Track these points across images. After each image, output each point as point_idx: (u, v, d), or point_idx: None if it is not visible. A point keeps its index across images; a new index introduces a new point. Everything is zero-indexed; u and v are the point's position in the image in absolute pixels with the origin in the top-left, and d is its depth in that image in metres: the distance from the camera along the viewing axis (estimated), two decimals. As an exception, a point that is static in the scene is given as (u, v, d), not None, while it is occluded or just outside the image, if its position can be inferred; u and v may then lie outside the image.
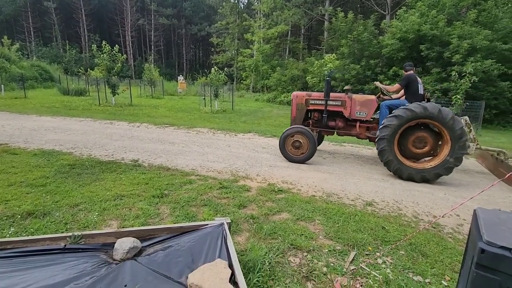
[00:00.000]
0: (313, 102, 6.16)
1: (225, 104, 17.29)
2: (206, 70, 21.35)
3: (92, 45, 16.01)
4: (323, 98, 5.93)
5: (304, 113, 6.26)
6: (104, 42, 14.96)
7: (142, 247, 2.15)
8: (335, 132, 6.21)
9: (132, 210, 3.18)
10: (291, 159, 5.79)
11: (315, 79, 14.18)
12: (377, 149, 5.07)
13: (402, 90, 5.56)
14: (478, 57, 13.86)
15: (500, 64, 13.57)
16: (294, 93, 6.49)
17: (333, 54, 14.88)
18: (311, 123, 6.38)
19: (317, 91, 14.59)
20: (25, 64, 25.47)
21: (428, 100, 5.36)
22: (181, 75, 33.93)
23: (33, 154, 5.24)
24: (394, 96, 5.82)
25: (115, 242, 2.10)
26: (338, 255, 2.56)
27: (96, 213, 3.04)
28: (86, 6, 47.76)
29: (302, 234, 2.86)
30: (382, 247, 2.74)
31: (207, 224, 2.37)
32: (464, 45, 14.12)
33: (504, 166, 5.30)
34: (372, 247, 2.72)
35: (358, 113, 5.77)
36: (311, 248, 2.63)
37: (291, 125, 6.10)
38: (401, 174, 4.96)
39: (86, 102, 15.26)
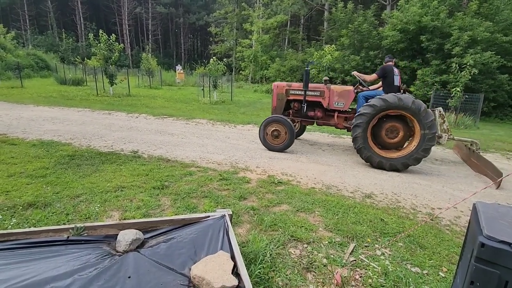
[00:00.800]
0: (293, 92, 6.27)
1: (224, 95, 17.18)
2: (204, 60, 21.10)
3: (89, 33, 15.74)
4: (302, 88, 6.04)
5: (285, 103, 6.37)
6: (101, 31, 14.71)
7: (145, 239, 2.17)
8: (315, 122, 6.34)
9: (133, 201, 3.20)
10: (270, 148, 5.94)
11: (314, 70, 14.09)
12: (351, 136, 5.19)
13: (381, 82, 5.67)
14: (478, 49, 13.79)
15: (499, 57, 13.52)
16: (275, 83, 6.61)
17: (333, 45, 14.76)
18: (291, 113, 6.50)
19: (316, 82, 14.52)
20: (21, 53, 25.10)
21: (404, 92, 5.46)
22: (179, 65, 33.55)
23: (32, 144, 5.21)
24: (372, 87, 5.97)
25: (117, 234, 2.11)
26: (338, 246, 2.60)
27: (98, 204, 3.05)
28: (82, -7, 46.77)
29: (302, 226, 2.89)
30: (381, 239, 2.78)
31: (209, 216, 2.39)
32: (465, 37, 14.02)
33: (475, 156, 5.50)
34: (371, 239, 2.76)
35: (336, 104, 5.91)
36: (311, 239, 2.67)
37: (271, 115, 6.19)
38: (372, 161, 5.12)
39: (83, 92, 15.12)
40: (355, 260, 2.41)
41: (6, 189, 3.30)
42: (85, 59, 19.91)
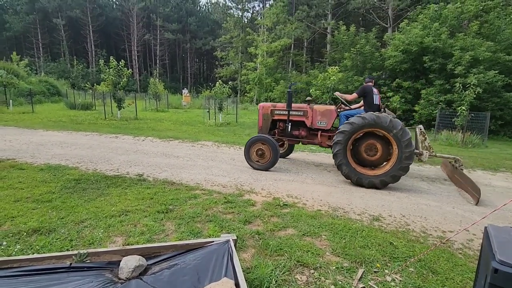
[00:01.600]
0: (277, 112, 6.47)
1: (229, 117, 17.41)
2: (210, 84, 21.68)
3: (100, 60, 16.38)
4: (286, 108, 6.24)
5: (270, 123, 6.55)
6: (111, 58, 15.30)
7: (148, 265, 2.13)
8: (300, 142, 6.47)
9: (137, 226, 3.17)
10: (255, 167, 6.05)
11: (318, 91, 14.29)
12: (332, 153, 5.29)
13: (362, 101, 5.90)
14: (481, 68, 13.89)
15: (503, 76, 13.57)
16: (261, 104, 6.79)
17: (336, 67, 15.08)
18: (276, 132, 6.67)
19: (321, 103, 14.66)
20: (33, 80, 26.06)
21: (384, 111, 5.59)
22: (185, 89, 34.38)
23: (40, 169, 5.29)
24: (354, 106, 6.20)
25: (120, 260, 2.08)
26: (346, 272, 2.51)
27: (101, 230, 3.04)
28: (94, 22, 49.17)
29: (309, 251, 2.82)
30: (391, 264, 2.68)
31: (213, 241, 2.35)
32: (466, 57, 14.19)
33: (458, 173, 5.56)
34: (380, 264, 2.66)
35: (319, 123, 6.06)
36: (318, 265, 2.59)
37: (257, 134, 6.34)
38: (351, 178, 5.18)
39: (92, 116, 15.49)
40: (364, 287, 2.31)
41: (12, 214, 3.31)
42: (95, 84, 20.57)
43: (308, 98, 6.42)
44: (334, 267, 2.56)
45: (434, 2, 18.67)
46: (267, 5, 34.69)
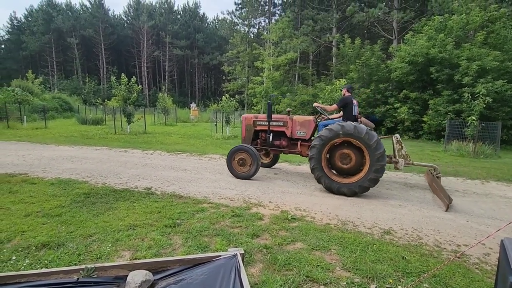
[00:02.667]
0: (259, 123, 6.72)
1: (237, 130, 17.50)
2: (218, 98, 21.99)
3: (111, 77, 16.85)
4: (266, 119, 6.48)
5: (253, 133, 6.81)
6: (122, 75, 15.74)
7: (154, 280, 2.11)
8: (282, 151, 6.63)
9: (145, 240, 3.16)
10: (237, 176, 6.25)
11: (325, 103, 14.32)
12: (309, 167, 5.44)
13: (341, 112, 6.05)
14: (489, 78, 13.75)
15: (512, 85, 13.39)
16: (244, 115, 7.10)
17: (343, 79, 15.17)
18: (259, 142, 6.86)
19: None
20: (47, 97, 26.87)
21: (361, 121, 5.68)
22: (193, 103, 34.92)
23: (51, 183, 5.37)
24: (332, 116, 6.32)
25: (127, 275, 2.07)
26: (357, 288, 2.43)
27: (109, 244, 3.03)
28: (106, 40, 50.95)
29: (318, 265, 2.75)
30: (404, 279, 2.59)
31: (220, 256, 2.32)
32: (474, 67, 14.08)
33: (435, 181, 5.64)
34: (393, 279, 2.58)
35: (298, 133, 6.30)
36: (328, 280, 2.52)
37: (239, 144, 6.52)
38: (322, 182, 5.34)
39: (102, 130, 15.79)
40: (376, 304, 2.23)
41: (22, 229, 3.35)
42: (105, 100, 21.08)
43: (288, 109, 6.69)
44: (344, 283, 2.49)
45: (439, 14, 18.75)
46: (273, 21, 35.40)
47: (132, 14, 56.38)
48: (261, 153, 7.33)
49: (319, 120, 6.28)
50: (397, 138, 5.82)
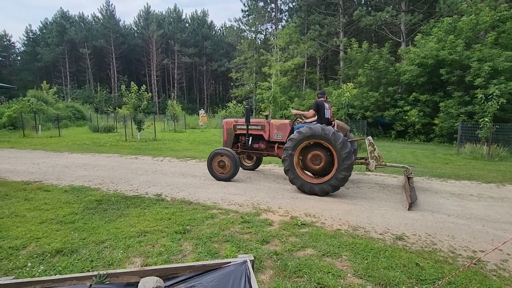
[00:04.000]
0: (239, 127, 7.00)
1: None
2: (226, 104, 22.16)
3: (122, 85, 17.22)
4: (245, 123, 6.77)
5: (233, 137, 7.11)
6: (132, 83, 16.08)
7: (165, 286, 2.12)
8: (261, 154, 6.95)
9: (155, 247, 3.19)
10: (218, 178, 6.50)
11: (333, 108, 14.23)
12: (282, 157, 5.73)
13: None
14: (502, 79, 13.44)
15: (528, 85, 13.04)
16: (225, 120, 7.43)
17: (351, 83, 15.10)
18: (239, 145, 7.16)
19: (337, 119, 14.56)
20: (60, 106, 27.60)
21: (334, 125, 5.99)
22: (202, 109, 35.26)
23: (64, 190, 5.49)
24: (309, 120, 6.40)
25: (138, 282, 2.09)
26: (370, 296, 2.39)
27: (121, 250, 3.07)
28: (117, 50, 52.22)
29: (329, 272, 2.71)
30: (418, 286, 2.53)
31: (230, 262, 2.32)
32: (485, 68, 13.81)
33: (407, 181, 5.76)
34: (406, 286, 2.52)
35: (276, 136, 6.57)
36: (340, 287, 2.48)
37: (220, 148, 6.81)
38: (295, 183, 5.58)
39: (113, 138, 16.08)
40: (390, 312, 2.18)
41: (37, 236, 3.43)
42: (117, 108, 21.51)
43: (266, 113, 6.96)
44: (356, 290, 2.45)
45: (448, 15, 18.52)
46: (280, 27, 35.65)
47: (142, 23, 57.71)
48: (243, 156, 7.69)
49: (295, 124, 6.53)
50: (369, 140, 6.00)
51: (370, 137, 6.08)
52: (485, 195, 5.72)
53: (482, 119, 11.03)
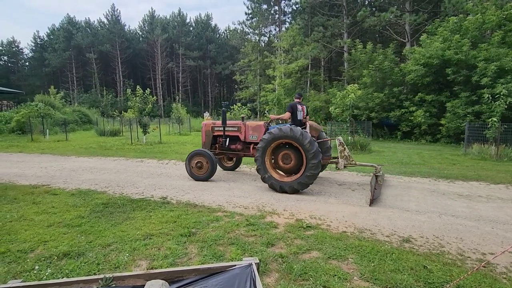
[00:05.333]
0: (217, 129, 7.26)
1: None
2: (230, 107, 22.22)
3: (127, 89, 17.38)
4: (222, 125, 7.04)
5: (211, 139, 7.35)
6: (137, 87, 16.23)
7: (171, 290, 2.12)
8: (238, 154, 7.21)
9: (161, 250, 3.20)
10: (196, 178, 6.73)
11: (337, 109, 14.18)
12: (255, 157, 5.97)
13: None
14: (509, 78, 13.25)
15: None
16: (203, 122, 7.71)
17: (355, 84, 15.01)
18: (217, 147, 7.39)
19: (341, 120, 14.49)
20: (67, 110, 27.95)
21: (306, 126, 6.26)
22: (206, 112, 35.42)
23: (71, 194, 5.55)
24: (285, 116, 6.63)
25: (144, 285, 2.09)
26: (376, 299, 2.36)
27: (127, 253, 3.09)
28: (122, 54, 52.78)
29: (335, 275, 2.69)
30: (426, 290, 2.50)
31: (235, 265, 2.31)
32: (492, 67, 13.63)
33: (373, 179, 5.75)
34: (414, 290, 2.49)
35: (251, 137, 6.82)
36: (346, 291, 2.46)
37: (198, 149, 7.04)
38: (275, 187, 5.75)
39: (119, 141, 16.22)
40: (397, 316, 2.16)
41: (45, 239, 3.47)
42: (122, 112, 21.73)
43: (242, 115, 7.26)
44: (363, 293, 2.42)
45: (453, 15, 18.35)
46: (283, 29, 35.68)
47: (146, 28, 58.27)
48: (224, 156, 7.94)
49: (270, 125, 6.72)
50: (339, 140, 6.20)
51: (340, 138, 6.32)
52: (494, 196, 5.63)
53: (489, 119, 10.87)
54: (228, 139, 7.09)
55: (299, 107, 6.37)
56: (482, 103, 13.55)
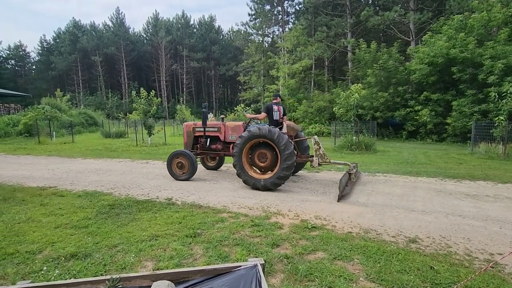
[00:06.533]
0: (197, 129, 7.48)
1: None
2: (234, 107, 22.28)
3: (132, 91, 17.53)
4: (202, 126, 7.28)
5: (193, 139, 7.57)
6: (142, 89, 16.36)
7: (177, 290, 2.13)
8: (218, 154, 7.45)
9: (167, 250, 3.22)
10: (177, 178, 6.90)
11: (342, 109, 14.12)
12: (232, 154, 6.20)
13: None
14: (516, 76, 13.08)
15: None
16: (185, 123, 7.94)
17: (359, 84, 14.92)
18: (198, 147, 7.57)
19: (345, 120, 14.42)
20: (74, 112, 28.27)
21: (282, 126, 6.45)
22: (211, 113, 35.46)
23: (78, 195, 5.61)
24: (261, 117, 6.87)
25: (150, 286, 2.11)
26: (383, 300, 2.35)
27: (133, 254, 3.12)
28: (127, 57, 53.24)
29: (341, 276, 2.68)
30: (433, 291, 2.47)
31: (240, 266, 2.32)
32: (499, 65, 13.46)
33: (345, 176, 5.95)
34: (420, 290, 2.47)
35: (230, 137, 7.02)
36: (352, 291, 2.45)
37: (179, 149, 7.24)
38: (249, 184, 5.98)
39: (125, 143, 16.36)
40: (404, 317, 2.14)
41: (53, 240, 3.51)
42: (127, 113, 21.90)
43: (222, 116, 7.52)
44: (369, 294, 2.41)
45: (458, 13, 18.17)
46: (287, 29, 35.67)
47: (151, 30, 58.70)
48: (206, 156, 8.19)
49: (249, 125, 6.90)
50: (315, 139, 6.41)
51: (316, 137, 6.53)
52: (502, 195, 5.56)
53: (496, 118, 10.74)
54: (208, 139, 7.33)
55: (275, 107, 6.56)
56: (489, 102, 13.38)
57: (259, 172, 6.22)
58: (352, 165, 6.22)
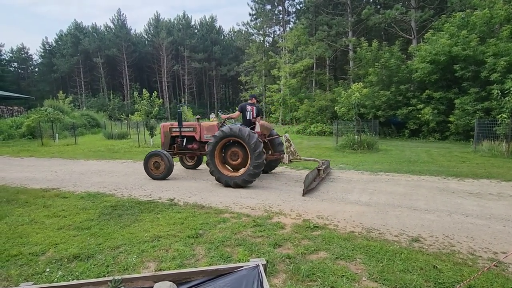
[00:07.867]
0: (174, 130, 7.63)
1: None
2: (236, 107, 22.28)
3: (134, 93, 17.59)
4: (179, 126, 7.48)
5: (170, 139, 7.74)
6: (144, 90, 16.43)
7: (179, 291, 2.14)
8: (195, 153, 7.69)
9: (169, 251, 3.22)
10: (154, 177, 7.08)
11: (343, 108, 14.08)
12: (206, 152, 6.41)
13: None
14: (519, 73, 12.98)
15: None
16: (162, 124, 8.13)
17: (360, 83, 14.86)
18: (175, 147, 7.74)
19: (347, 119, 14.39)
20: (76, 114, 28.40)
21: (254, 126, 6.64)
22: (212, 113, 35.49)
23: (81, 197, 5.63)
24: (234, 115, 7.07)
25: (152, 287, 2.11)
26: (385, 300, 2.34)
27: (135, 255, 3.12)
28: (129, 58, 53.43)
29: (343, 275, 2.67)
30: (436, 290, 2.46)
31: (242, 266, 2.31)
32: (501, 63, 13.37)
33: (313, 172, 6.32)
34: (423, 290, 2.45)
35: (206, 136, 7.23)
36: (354, 291, 2.44)
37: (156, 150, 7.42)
38: (221, 181, 6.21)
39: (127, 144, 16.41)
40: (407, 317, 2.13)
41: (56, 241, 3.53)
42: (129, 115, 21.97)
43: (198, 116, 7.77)
44: (371, 294, 2.40)
45: (460, 10, 18.06)
46: (288, 29, 35.64)
47: (152, 31, 58.86)
48: (185, 156, 8.36)
49: (224, 125, 6.96)
50: (286, 137, 6.76)
51: (287, 134, 6.86)
52: (506, 194, 5.52)
53: (499, 115, 10.67)
54: (185, 139, 7.54)
55: (249, 107, 6.78)
56: (492, 99, 13.29)
57: (231, 170, 6.42)
58: (321, 161, 6.58)
